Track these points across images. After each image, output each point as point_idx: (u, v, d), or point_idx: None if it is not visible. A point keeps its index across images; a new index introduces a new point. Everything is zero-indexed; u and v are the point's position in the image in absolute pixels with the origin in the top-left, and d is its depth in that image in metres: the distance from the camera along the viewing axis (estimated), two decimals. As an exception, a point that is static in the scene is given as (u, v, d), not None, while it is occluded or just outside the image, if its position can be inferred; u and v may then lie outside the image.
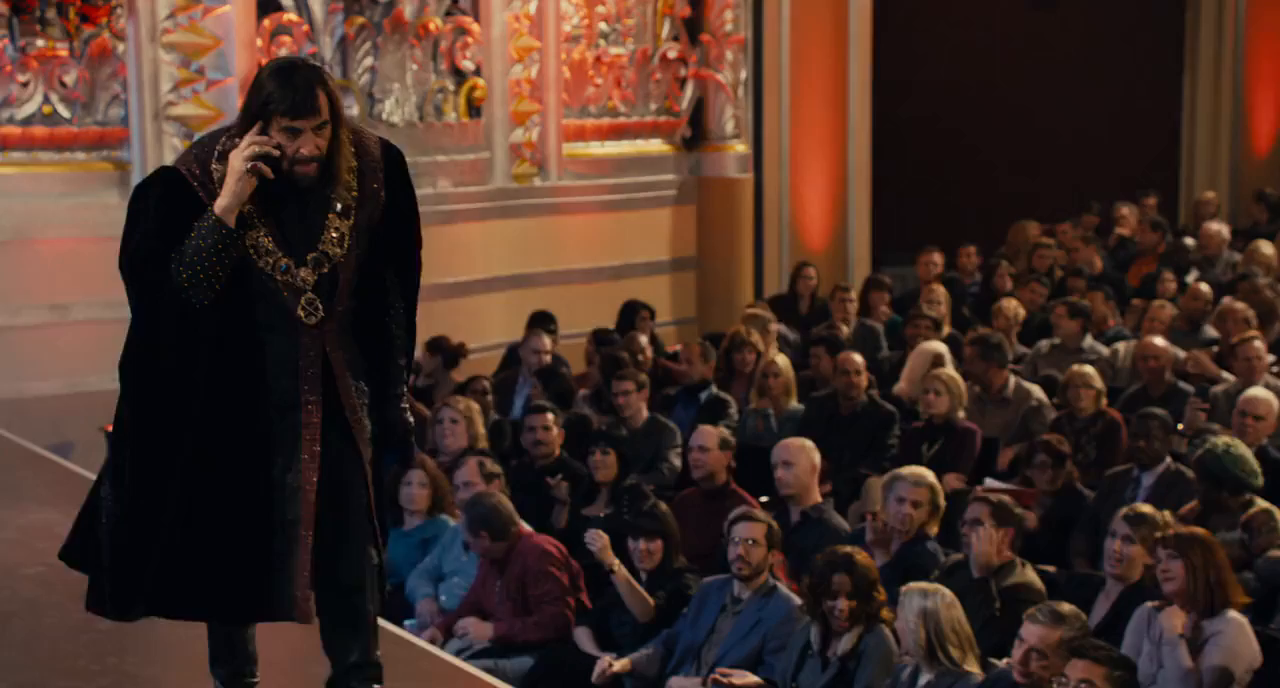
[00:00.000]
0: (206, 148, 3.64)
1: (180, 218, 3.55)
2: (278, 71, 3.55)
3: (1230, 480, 6.27)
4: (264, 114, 3.54)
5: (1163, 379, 8.18)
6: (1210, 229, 11.83)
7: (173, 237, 3.55)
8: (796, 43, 11.75)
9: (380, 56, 9.65)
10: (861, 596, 5.29)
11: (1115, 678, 4.44)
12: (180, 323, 3.59)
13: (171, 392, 3.60)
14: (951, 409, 7.79)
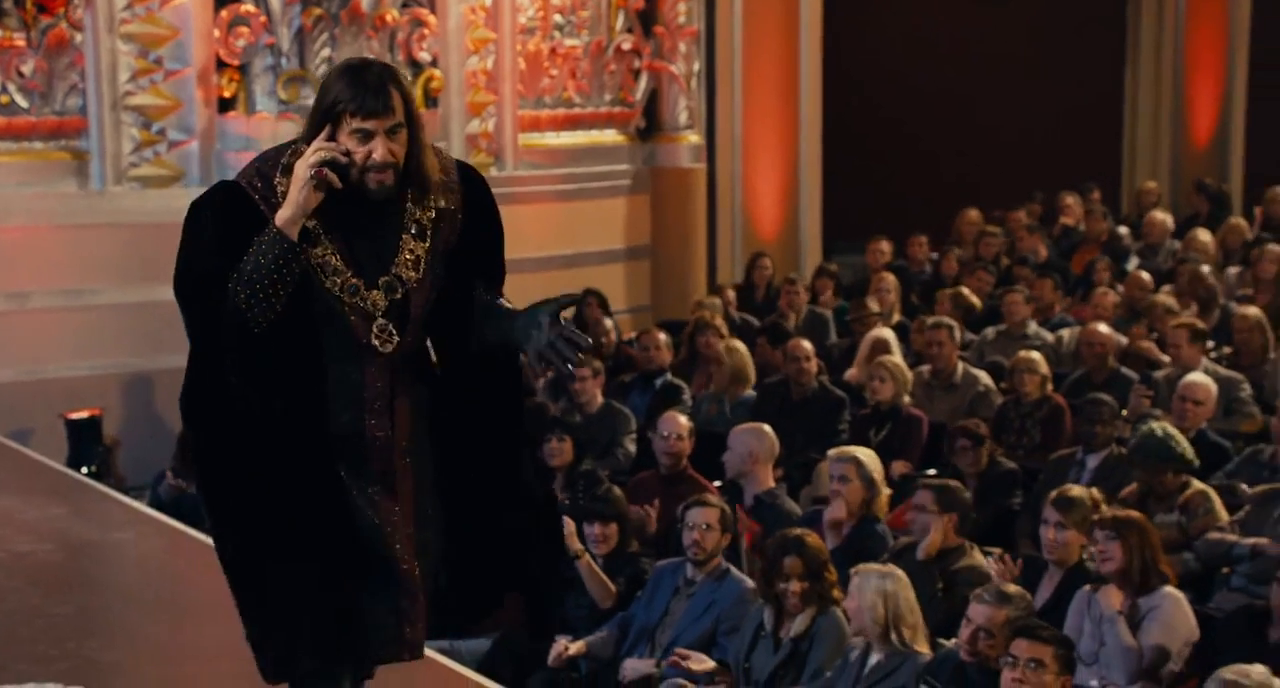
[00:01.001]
0: (270, 160, 3.32)
1: (241, 234, 3.22)
2: (346, 70, 3.25)
3: (1164, 463, 6.41)
4: (332, 116, 3.21)
5: (1105, 365, 8.33)
6: (1153, 218, 12.04)
7: (233, 255, 3.21)
8: (749, 35, 11.86)
9: (337, 48, 9.70)
10: (813, 577, 5.38)
11: (1061, 657, 4.56)
12: (242, 350, 3.24)
13: (240, 426, 3.28)
14: (896, 395, 7.91)
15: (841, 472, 6.23)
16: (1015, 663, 4.53)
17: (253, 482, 3.27)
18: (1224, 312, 9.47)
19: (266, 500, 3.27)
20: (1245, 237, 11.44)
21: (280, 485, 3.27)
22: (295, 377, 3.27)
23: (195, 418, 3.32)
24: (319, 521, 3.27)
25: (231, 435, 3.28)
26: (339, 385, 3.31)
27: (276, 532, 3.26)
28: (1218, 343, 8.79)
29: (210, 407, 3.29)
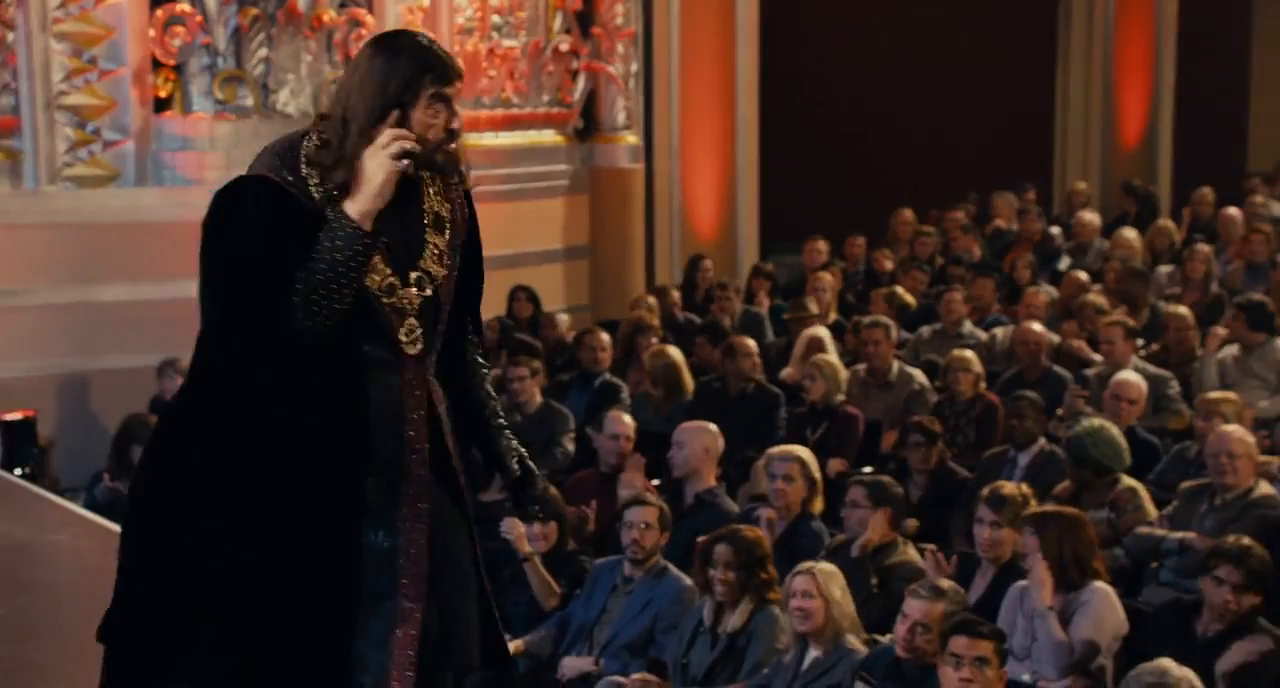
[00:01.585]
0: (286, 152, 3.00)
1: (286, 230, 2.91)
2: (401, 42, 3.00)
3: (1097, 462, 6.50)
4: (412, 90, 2.95)
5: (1039, 363, 8.43)
6: (1082, 218, 12.19)
7: (281, 252, 2.90)
8: (686, 36, 11.92)
9: (274, 47, 9.67)
10: (744, 568, 5.41)
11: (1000, 651, 4.62)
12: (284, 360, 2.95)
13: (279, 444, 2.96)
14: (829, 394, 7.98)
15: (785, 471, 6.28)
16: (960, 661, 4.58)
17: (264, 508, 2.97)
18: (1152, 311, 9.61)
19: (273, 532, 2.97)
20: (1173, 237, 11.61)
21: (294, 519, 2.97)
22: (336, 387, 2.98)
23: (226, 435, 2.96)
24: (327, 558, 2.98)
25: (248, 457, 2.97)
26: (378, 394, 3.00)
27: (276, 563, 2.97)
28: (1146, 341, 8.93)
29: (249, 424, 2.96)
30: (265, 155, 3.04)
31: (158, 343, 8.87)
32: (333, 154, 2.97)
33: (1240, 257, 10.70)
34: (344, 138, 2.96)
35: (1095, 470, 6.48)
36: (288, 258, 2.90)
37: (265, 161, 3.01)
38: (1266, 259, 10.57)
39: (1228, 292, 10.03)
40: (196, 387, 3.04)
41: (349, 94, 2.99)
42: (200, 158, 9.46)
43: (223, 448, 2.96)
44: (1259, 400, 8.03)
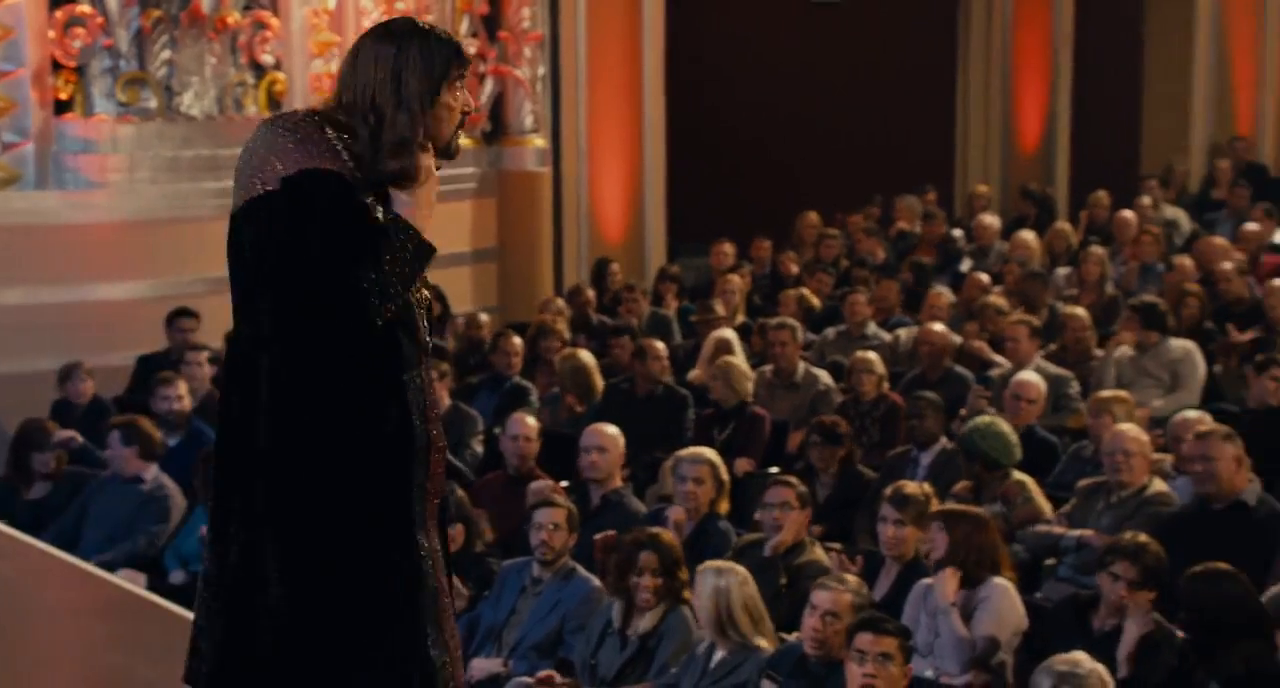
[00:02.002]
0: (333, 147, 2.92)
1: (364, 232, 2.89)
2: (420, 25, 3.00)
3: (986, 455, 6.58)
4: (446, 75, 2.96)
5: (941, 364, 8.54)
6: (982, 221, 12.38)
7: (364, 256, 2.87)
8: (593, 39, 11.96)
9: (178, 49, 9.59)
10: (666, 573, 5.46)
11: (904, 647, 4.69)
12: (364, 361, 2.94)
13: (373, 449, 2.95)
14: (738, 395, 8.07)
15: (695, 473, 6.33)
16: (865, 657, 4.62)
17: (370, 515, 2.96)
18: (1051, 312, 9.79)
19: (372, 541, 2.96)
20: (1070, 240, 11.81)
21: (390, 527, 2.98)
22: (395, 388, 2.98)
23: (334, 453, 2.91)
24: (410, 565, 2.99)
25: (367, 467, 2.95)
26: (413, 395, 3.00)
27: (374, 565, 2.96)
28: (1044, 341, 9.08)
29: (355, 437, 2.92)
30: (316, 145, 2.91)
31: (58, 347, 8.77)
32: (369, 145, 2.93)
33: (1134, 258, 10.93)
34: (378, 128, 2.93)
35: (986, 464, 6.59)
36: (366, 258, 2.87)
37: (322, 151, 2.90)
38: (1157, 260, 10.79)
39: (1123, 292, 10.24)
40: (290, 393, 2.92)
41: (374, 83, 2.93)
42: (102, 160, 9.37)
43: (338, 454, 2.93)
44: (1153, 400, 8.21)
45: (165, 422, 7.67)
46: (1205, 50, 14.92)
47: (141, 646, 4.01)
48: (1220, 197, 13.61)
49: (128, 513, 7.04)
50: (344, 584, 2.92)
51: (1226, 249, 10.70)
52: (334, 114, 2.96)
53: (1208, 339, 8.80)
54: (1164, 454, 6.94)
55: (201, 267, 9.69)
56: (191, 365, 8.44)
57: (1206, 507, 6.03)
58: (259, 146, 2.93)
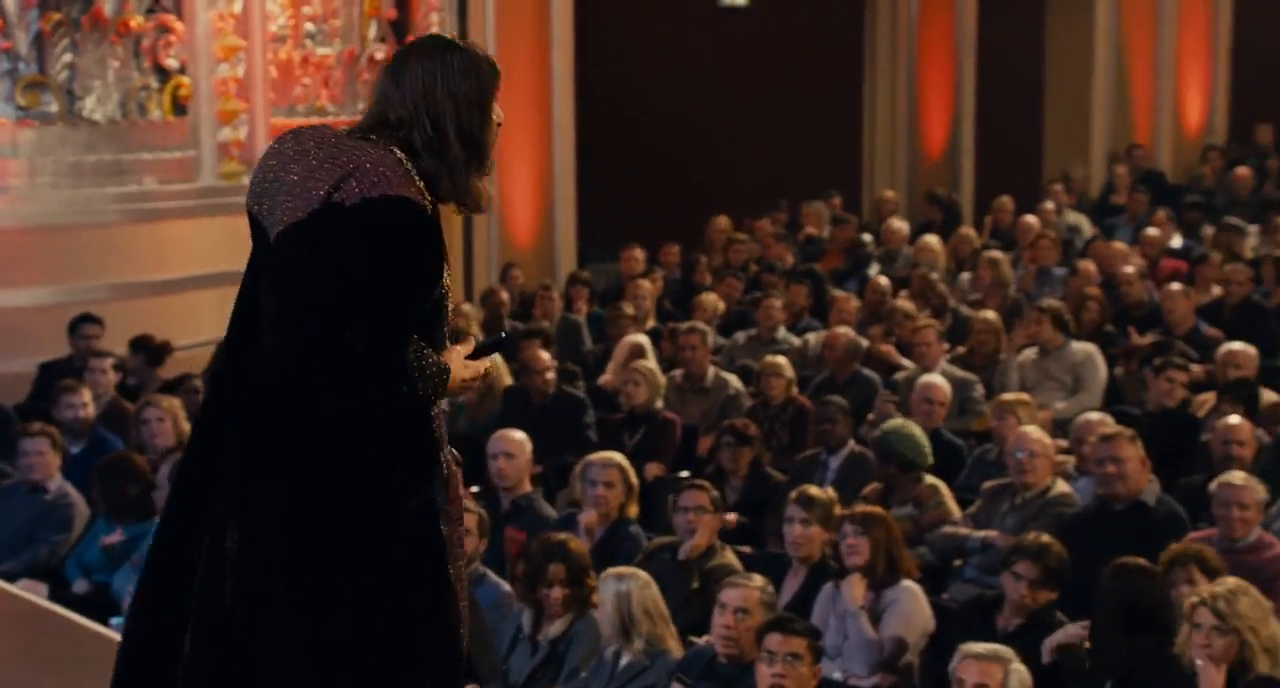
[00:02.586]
0: (403, 166, 2.89)
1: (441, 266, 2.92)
2: (462, 45, 2.95)
3: (902, 455, 6.68)
4: (497, 86, 2.96)
5: (848, 367, 8.64)
6: (890, 226, 12.51)
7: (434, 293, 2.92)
8: (502, 45, 11.94)
9: (80, 53, 9.45)
10: (575, 582, 5.48)
11: (813, 647, 4.74)
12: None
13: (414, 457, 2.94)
14: (650, 400, 8.10)
15: (605, 477, 6.36)
16: (774, 658, 4.67)
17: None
18: (955, 315, 9.91)
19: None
20: (974, 245, 11.97)
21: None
22: (422, 414, 2.97)
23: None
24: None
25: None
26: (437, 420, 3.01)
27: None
28: (950, 345, 9.20)
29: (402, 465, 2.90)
30: (387, 171, 2.84)
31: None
32: (438, 165, 2.90)
33: (1032, 262, 11.09)
34: (443, 147, 2.89)
35: (901, 465, 6.67)
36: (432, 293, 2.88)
37: (396, 179, 2.83)
38: (1054, 263, 10.96)
39: (1024, 296, 10.40)
40: (346, 408, 2.85)
41: (430, 100, 2.88)
42: (2, 165, 9.22)
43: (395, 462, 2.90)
44: (1056, 402, 8.34)
45: (68, 430, 7.57)
46: (1104, 61, 15.20)
47: (44, 658, 3.94)
48: (1120, 202, 13.86)
49: (29, 522, 6.93)
50: (370, 616, 2.86)
51: (1127, 253, 10.89)
52: (390, 131, 2.90)
53: (1109, 342, 8.95)
54: (1067, 456, 7.06)
55: (105, 273, 9.57)
56: (95, 373, 8.33)
57: (1107, 507, 6.14)
58: (316, 156, 2.86)
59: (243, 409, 2.90)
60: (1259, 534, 5.75)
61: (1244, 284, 9.72)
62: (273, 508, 2.84)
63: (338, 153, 2.86)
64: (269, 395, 2.86)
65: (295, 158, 2.88)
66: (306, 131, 2.95)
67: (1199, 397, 7.81)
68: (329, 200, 2.81)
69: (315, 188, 2.83)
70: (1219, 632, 4.66)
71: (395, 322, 2.82)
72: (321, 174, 2.84)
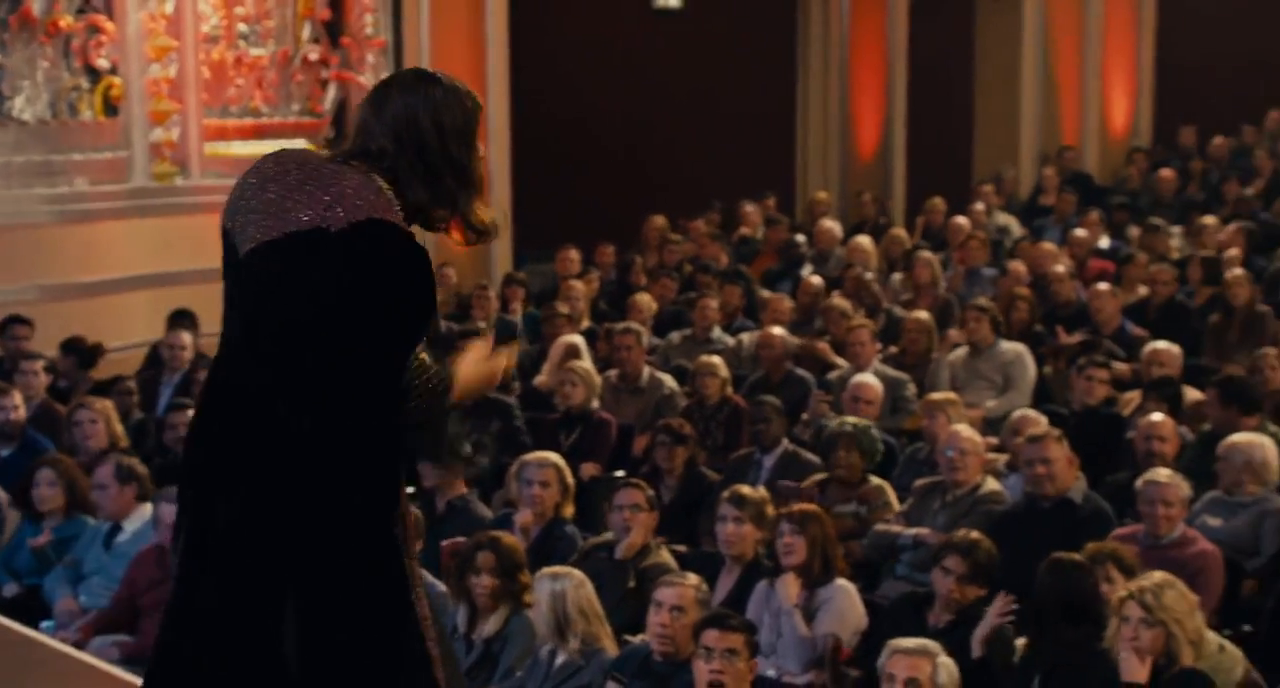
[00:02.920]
0: (385, 193, 2.87)
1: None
2: (442, 78, 2.95)
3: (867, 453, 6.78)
4: (478, 120, 2.97)
5: (782, 367, 8.71)
6: (822, 227, 12.60)
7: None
8: (436, 46, 11.93)
9: (8, 53, 9.37)
10: (505, 575, 5.49)
11: (750, 643, 4.77)
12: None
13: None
14: (587, 400, 8.14)
15: (541, 477, 6.37)
16: (710, 654, 4.70)
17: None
18: (888, 315, 10.01)
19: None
20: (905, 245, 12.08)
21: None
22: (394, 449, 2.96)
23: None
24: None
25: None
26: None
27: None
28: (883, 344, 9.29)
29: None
30: (375, 201, 2.82)
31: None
32: (430, 197, 2.89)
33: (961, 263, 11.22)
34: (435, 178, 2.88)
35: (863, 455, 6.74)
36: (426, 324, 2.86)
37: (385, 205, 2.82)
38: (983, 264, 11.09)
39: (954, 296, 10.51)
40: (339, 443, 2.82)
41: (414, 131, 2.87)
42: (-69, 166, 9.15)
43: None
44: (986, 401, 8.45)
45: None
46: (1032, 64, 15.38)
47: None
48: (1048, 203, 14.02)
49: (-43, 526, 6.88)
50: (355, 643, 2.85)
51: (1055, 254, 11.02)
52: (371, 161, 2.87)
53: (1038, 342, 9.06)
54: (998, 454, 7.15)
55: (35, 273, 9.50)
56: (25, 375, 8.26)
57: (1035, 505, 6.23)
58: (297, 179, 2.84)
59: (223, 420, 2.87)
60: (1182, 530, 5.85)
61: (1169, 284, 9.87)
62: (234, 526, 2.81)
63: (319, 176, 2.83)
64: (246, 410, 2.84)
65: (274, 177, 2.86)
66: (289, 153, 2.94)
67: (1125, 395, 7.93)
68: (314, 225, 2.78)
69: (294, 209, 2.81)
70: (1146, 624, 4.76)
71: (389, 345, 2.80)
72: (301, 195, 2.81)
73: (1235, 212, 12.67)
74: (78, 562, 6.59)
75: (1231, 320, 9.05)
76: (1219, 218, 12.13)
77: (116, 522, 6.57)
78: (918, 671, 4.58)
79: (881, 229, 12.92)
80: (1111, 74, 15.84)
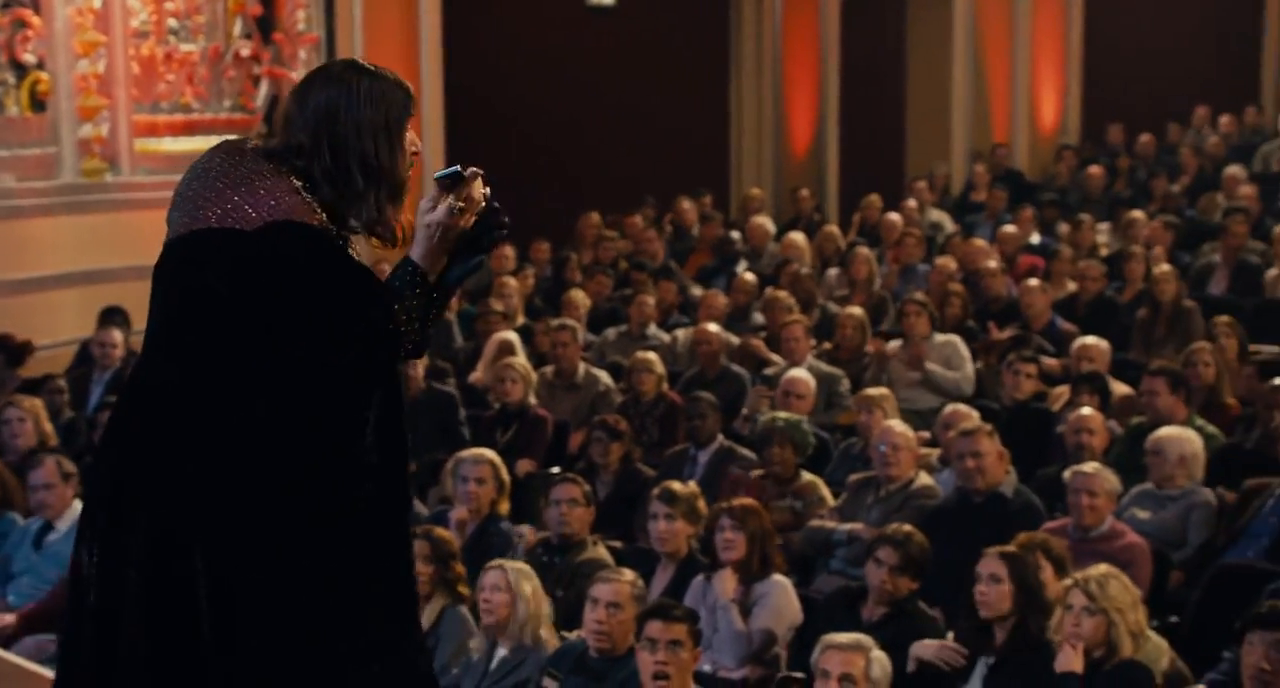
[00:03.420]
0: (291, 191, 2.81)
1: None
2: (374, 71, 2.86)
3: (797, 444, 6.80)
4: (407, 117, 2.87)
5: (717, 363, 8.75)
6: (756, 223, 12.66)
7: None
8: (369, 42, 11.87)
9: (-70, 48, 9.27)
10: (439, 562, 5.50)
11: (693, 633, 4.80)
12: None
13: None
14: (524, 396, 8.15)
15: (477, 473, 6.37)
16: (655, 645, 4.71)
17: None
18: (823, 311, 10.07)
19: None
20: (838, 242, 12.15)
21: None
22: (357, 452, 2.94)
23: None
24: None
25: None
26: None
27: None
28: (817, 340, 9.35)
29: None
30: (276, 196, 2.76)
31: None
32: (339, 197, 2.82)
33: (896, 260, 11.30)
34: (345, 177, 2.81)
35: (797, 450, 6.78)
36: (368, 299, 2.79)
37: (288, 204, 2.75)
38: (918, 260, 11.18)
39: (889, 292, 10.58)
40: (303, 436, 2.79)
41: (332, 126, 2.80)
42: None
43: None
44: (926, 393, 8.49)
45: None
46: (963, 63, 15.52)
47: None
48: (979, 200, 14.15)
49: None
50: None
51: (987, 250, 11.12)
52: (290, 157, 2.81)
53: (970, 337, 9.14)
54: (930, 449, 7.22)
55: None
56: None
57: (967, 499, 6.29)
58: (214, 175, 2.80)
59: (135, 418, 2.84)
60: (1111, 523, 5.93)
61: (1098, 280, 9.98)
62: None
63: (235, 174, 2.78)
64: (155, 408, 2.80)
65: (201, 172, 2.83)
66: (224, 146, 2.89)
67: (1055, 390, 8.02)
68: (221, 224, 2.75)
69: (205, 207, 2.77)
70: (1088, 613, 4.83)
71: (310, 350, 2.73)
72: (211, 193, 2.78)
73: (1162, 207, 12.84)
74: (7, 560, 6.52)
75: (1158, 316, 9.17)
76: (1146, 214, 12.28)
77: (49, 521, 6.51)
78: (852, 666, 4.62)
79: (816, 225, 12.99)
80: (1041, 73, 16.01)
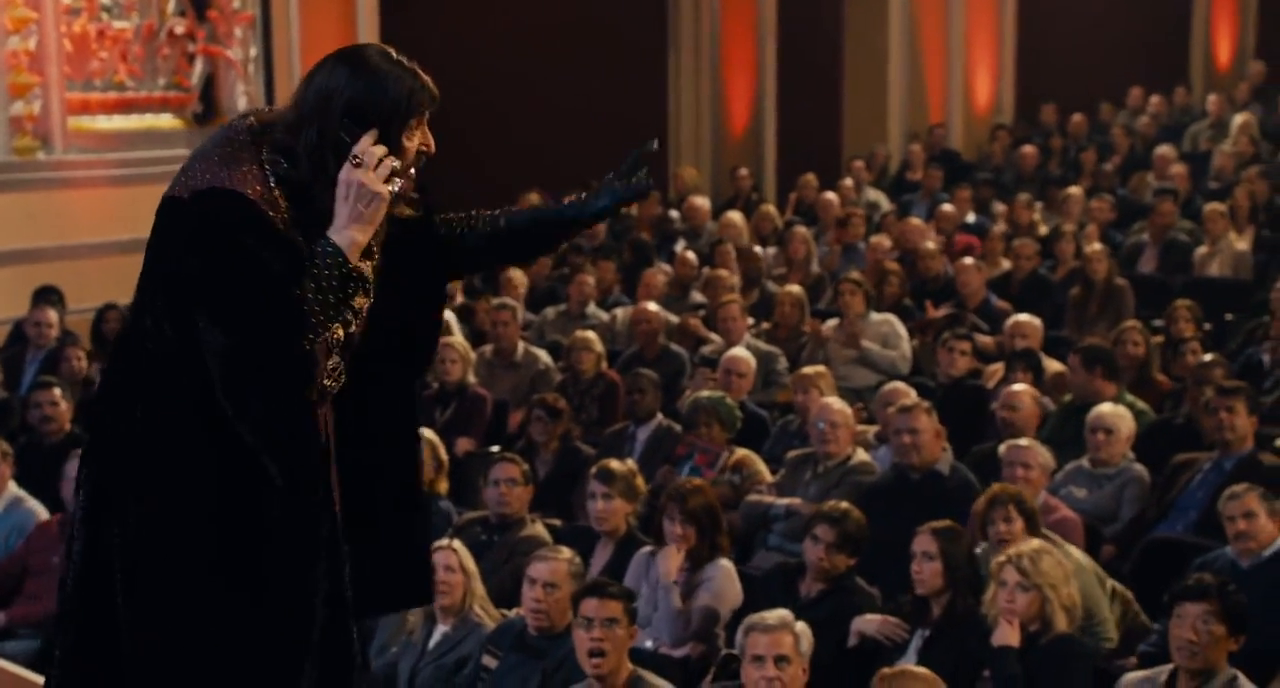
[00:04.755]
0: (247, 163, 2.75)
1: (275, 258, 2.69)
2: (385, 58, 2.81)
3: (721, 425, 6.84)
4: (410, 113, 2.83)
5: (656, 342, 8.78)
6: (694, 203, 12.69)
7: (284, 279, 2.69)
8: (306, 19, 11.77)
9: None
10: None
11: (630, 610, 4.80)
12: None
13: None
14: (463, 375, 8.14)
15: (419, 452, 6.38)
16: (590, 623, 4.72)
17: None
18: (761, 290, 10.11)
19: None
20: (776, 221, 12.21)
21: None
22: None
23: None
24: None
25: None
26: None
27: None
28: (756, 319, 9.39)
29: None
30: (219, 165, 2.74)
31: None
32: (307, 171, 2.77)
33: (838, 240, 11.37)
34: (318, 158, 2.76)
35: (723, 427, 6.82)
36: (285, 282, 2.69)
37: (233, 175, 2.71)
38: (859, 240, 11.25)
39: (827, 272, 10.65)
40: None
41: (316, 104, 2.77)
42: None
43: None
44: (862, 371, 8.56)
45: None
46: (899, 44, 15.61)
47: None
48: (915, 179, 14.25)
49: None
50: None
51: (924, 229, 11.21)
52: (279, 132, 2.78)
53: (907, 316, 9.22)
54: (868, 426, 7.28)
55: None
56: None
57: (904, 476, 6.35)
58: (197, 149, 2.82)
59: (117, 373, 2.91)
60: (1044, 498, 6.01)
61: (1031, 258, 10.09)
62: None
63: (205, 147, 2.81)
64: (133, 363, 2.86)
65: (196, 149, 2.88)
66: (231, 123, 2.88)
67: (989, 367, 8.10)
68: (172, 193, 2.79)
69: (177, 179, 2.80)
70: (1022, 588, 4.89)
71: (270, 304, 2.68)
72: (185, 166, 2.81)
73: (1094, 186, 12.98)
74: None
75: (1091, 294, 9.28)
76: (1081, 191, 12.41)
77: (-13, 500, 6.47)
78: (782, 646, 4.62)
79: (753, 205, 13.03)
80: (975, 53, 16.12)
